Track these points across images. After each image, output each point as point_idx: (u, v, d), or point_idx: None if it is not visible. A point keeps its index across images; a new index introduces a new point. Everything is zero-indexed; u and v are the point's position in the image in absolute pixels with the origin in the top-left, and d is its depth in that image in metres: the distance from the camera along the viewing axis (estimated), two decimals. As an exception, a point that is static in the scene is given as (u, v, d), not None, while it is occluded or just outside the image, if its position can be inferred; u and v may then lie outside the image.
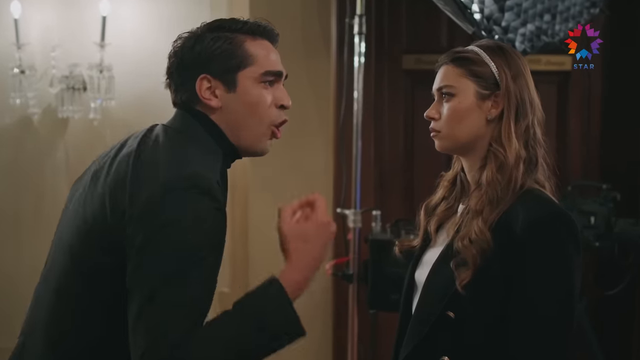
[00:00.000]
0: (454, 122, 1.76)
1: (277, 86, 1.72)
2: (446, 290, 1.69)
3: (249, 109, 1.67)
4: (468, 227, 1.69)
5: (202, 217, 1.53)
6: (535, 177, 1.74)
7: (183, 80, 1.69)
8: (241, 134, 1.68)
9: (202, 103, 1.67)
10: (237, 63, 1.66)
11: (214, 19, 1.74)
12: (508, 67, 1.75)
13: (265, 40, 1.72)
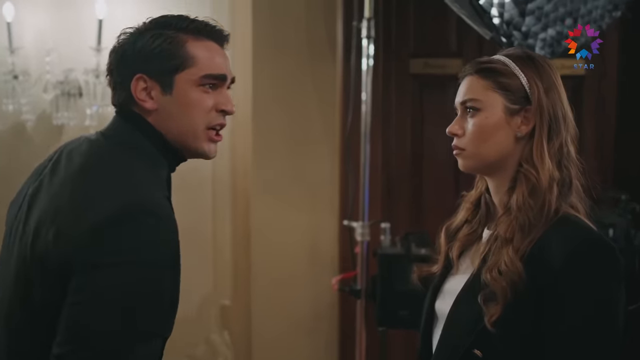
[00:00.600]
0: (479, 140, 1.61)
1: (220, 90, 1.64)
2: (473, 326, 1.54)
3: (184, 112, 1.60)
4: (497, 256, 1.54)
5: (159, 250, 1.48)
6: (570, 200, 1.59)
7: (122, 79, 1.62)
8: (178, 137, 1.61)
9: (137, 105, 1.61)
10: (176, 64, 1.59)
11: (167, 15, 1.68)
12: (540, 79, 1.61)
13: (211, 41, 1.65)
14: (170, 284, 1.52)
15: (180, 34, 1.61)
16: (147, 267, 1.46)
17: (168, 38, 1.60)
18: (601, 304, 1.50)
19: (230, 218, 4.17)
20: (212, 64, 1.62)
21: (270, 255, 4.11)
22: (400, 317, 3.17)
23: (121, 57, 1.62)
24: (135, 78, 1.58)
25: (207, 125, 1.62)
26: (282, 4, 4.03)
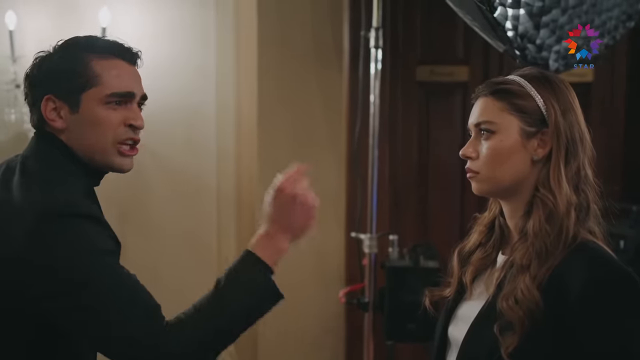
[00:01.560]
0: (494, 163, 1.56)
1: (128, 106, 1.69)
2: (489, 357, 1.50)
3: (92, 130, 1.66)
4: (513, 284, 1.49)
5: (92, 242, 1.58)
6: (588, 225, 1.54)
7: (34, 100, 1.68)
8: (89, 153, 1.68)
9: (49, 126, 1.67)
10: (82, 83, 1.65)
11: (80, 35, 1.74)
12: (557, 101, 1.56)
13: (117, 59, 1.69)
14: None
15: (85, 54, 1.66)
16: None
17: (74, 58, 1.65)
18: (622, 340, 1.45)
19: (235, 229, 4.17)
20: (117, 83, 1.66)
21: (277, 266, 4.06)
22: (409, 330, 3.15)
23: (32, 79, 1.68)
24: (45, 99, 1.64)
25: (116, 140, 1.67)
26: (287, 11, 4.03)
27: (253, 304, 1.72)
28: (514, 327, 1.46)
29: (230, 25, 4.07)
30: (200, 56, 4.06)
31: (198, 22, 4.04)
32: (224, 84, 4.10)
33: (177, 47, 4.03)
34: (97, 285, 1.55)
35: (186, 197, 4.13)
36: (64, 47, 1.69)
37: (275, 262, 1.79)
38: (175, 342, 1.60)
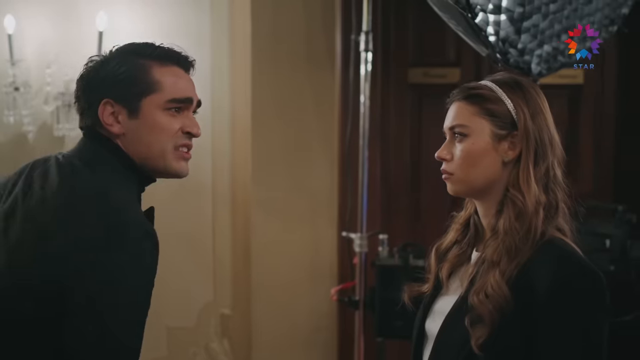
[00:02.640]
0: (467, 165, 1.63)
1: (185, 113, 1.71)
2: (461, 348, 1.56)
3: (152, 136, 1.66)
4: (484, 279, 1.56)
5: (147, 266, 1.56)
6: (556, 222, 1.61)
7: (89, 104, 1.67)
8: (147, 159, 1.68)
9: (105, 130, 1.67)
10: (142, 89, 1.65)
11: (133, 42, 1.74)
12: (526, 105, 1.62)
13: (176, 66, 1.72)
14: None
15: (145, 60, 1.67)
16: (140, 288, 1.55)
17: (134, 64, 1.66)
18: (587, 333, 1.52)
19: (230, 229, 4.21)
20: (177, 89, 1.68)
21: (270, 265, 4.16)
22: (398, 327, 3.19)
23: (88, 83, 1.67)
24: (103, 103, 1.64)
25: (174, 146, 1.68)
26: (281, 15, 4.07)
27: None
28: (484, 320, 1.53)
29: (225, 28, 4.11)
30: (195, 59, 4.10)
31: (193, 25, 4.07)
32: (218, 86, 4.12)
33: None
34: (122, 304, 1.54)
35: (182, 196, 4.13)
36: (123, 53, 1.69)
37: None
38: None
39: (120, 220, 1.53)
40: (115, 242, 1.51)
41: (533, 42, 2.59)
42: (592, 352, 1.52)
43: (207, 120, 4.09)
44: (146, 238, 1.55)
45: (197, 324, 4.21)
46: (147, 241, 1.55)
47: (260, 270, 4.16)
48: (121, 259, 1.51)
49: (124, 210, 1.56)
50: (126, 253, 1.52)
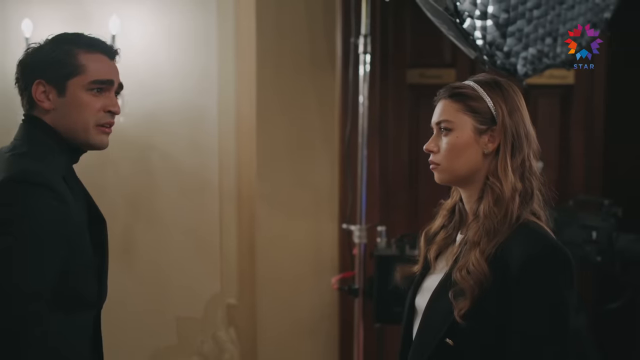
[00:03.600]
0: (452, 156, 1.82)
1: (107, 94, 1.93)
2: (445, 319, 1.75)
3: (76, 112, 1.89)
4: (466, 257, 1.75)
5: (38, 208, 1.75)
6: (531, 207, 1.79)
7: (25, 85, 1.92)
8: (71, 133, 1.91)
9: (37, 107, 1.90)
10: (69, 71, 1.88)
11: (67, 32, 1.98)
12: (504, 103, 1.80)
13: (100, 53, 1.93)
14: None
15: (74, 47, 1.90)
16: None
17: (64, 50, 1.90)
18: (554, 306, 1.70)
19: (236, 223, 4.30)
20: (99, 72, 1.91)
21: (274, 257, 4.24)
22: (395, 313, 3.23)
23: (24, 66, 1.92)
24: (36, 83, 1.88)
25: (96, 123, 1.91)
26: (284, 19, 4.16)
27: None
28: (466, 293, 1.71)
29: (231, 32, 4.19)
30: (203, 62, 4.19)
31: (201, 30, 4.17)
32: (225, 88, 4.21)
33: (181, 54, 4.16)
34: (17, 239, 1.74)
35: (190, 193, 4.26)
36: (54, 40, 1.93)
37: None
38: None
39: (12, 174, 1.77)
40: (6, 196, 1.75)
41: (518, 45, 2.74)
42: (557, 322, 1.69)
43: (214, 121, 4.23)
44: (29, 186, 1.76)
45: (204, 314, 4.31)
46: (29, 188, 1.76)
47: (265, 262, 4.24)
48: (12, 210, 1.74)
49: (21, 168, 1.79)
50: (17, 204, 1.74)
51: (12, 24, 4.04)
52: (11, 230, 1.73)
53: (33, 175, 1.78)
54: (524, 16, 2.68)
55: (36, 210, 1.75)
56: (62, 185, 1.84)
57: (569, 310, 1.71)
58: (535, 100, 4.25)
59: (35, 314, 1.73)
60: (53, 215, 1.77)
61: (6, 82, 3.97)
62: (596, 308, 3.95)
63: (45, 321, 1.75)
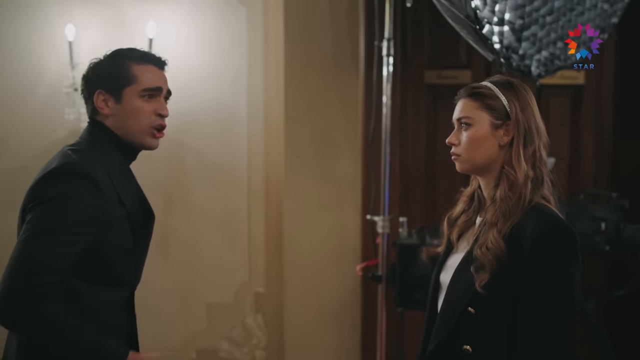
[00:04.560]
0: (471, 148, 2.05)
1: (157, 99, 2.19)
2: (468, 290, 1.98)
3: (131, 117, 2.15)
4: (485, 236, 1.98)
5: (74, 195, 1.99)
6: (542, 192, 2.02)
7: (89, 94, 2.17)
8: (128, 135, 2.16)
9: (99, 113, 2.16)
10: (124, 82, 2.14)
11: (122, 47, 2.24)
12: (517, 100, 2.04)
13: (150, 65, 2.19)
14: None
15: (127, 60, 2.16)
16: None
17: (119, 64, 2.15)
18: (561, 275, 1.93)
19: (264, 215, 4.47)
20: (149, 80, 2.16)
21: (300, 247, 4.40)
22: (416, 299, 3.47)
23: (87, 79, 2.18)
24: (97, 92, 2.14)
25: (149, 125, 2.16)
26: (311, 23, 4.31)
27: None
28: (486, 267, 1.95)
29: (260, 37, 4.36)
30: (234, 66, 4.36)
31: (233, 35, 4.33)
32: (254, 90, 4.38)
33: (213, 58, 4.33)
34: (44, 220, 1.97)
35: (221, 188, 4.43)
36: (111, 55, 2.19)
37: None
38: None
39: (63, 165, 2.01)
40: (52, 180, 2.00)
41: (532, 49, 2.93)
42: (565, 293, 1.93)
43: (244, 121, 4.41)
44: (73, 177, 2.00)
45: (234, 301, 4.49)
46: (72, 178, 2.00)
47: (291, 252, 4.39)
48: (53, 189, 1.99)
49: (73, 161, 2.03)
50: (58, 187, 1.99)
51: (55, 28, 4.26)
52: (48, 204, 1.97)
53: (77, 167, 2.02)
54: (538, 22, 2.88)
55: (72, 194, 1.99)
56: (105, 179, 2.07)
57: (574, 281, 1.94)
58: (548, 99, 4.38)
59: (54, 281, 1.96)
60: (87, 201, 2.00)
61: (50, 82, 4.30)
62: (606, 294, 4.11)
63: (70, 289, 2.00)
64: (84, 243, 2.01)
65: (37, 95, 4.36)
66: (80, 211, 1.99)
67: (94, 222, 2.02)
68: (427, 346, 2.11)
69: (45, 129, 4.34)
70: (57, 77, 4.26)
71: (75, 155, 2.06)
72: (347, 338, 4.47)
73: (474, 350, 1.98)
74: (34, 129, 4.36)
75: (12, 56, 4.36)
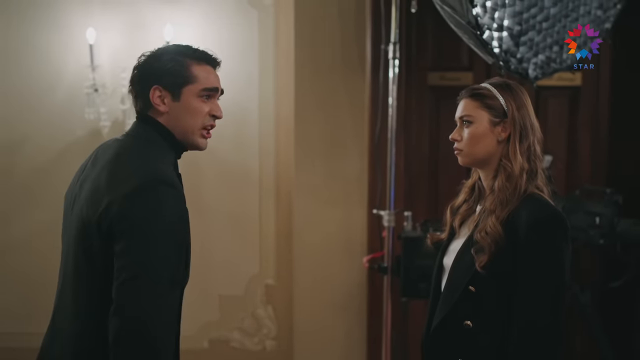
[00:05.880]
0: (472, 143, 2.24)
1: (212, 100, 2.16)
2: (468, 271, 2.18)
3: (188, 116, 2.10)
4: (484, 222, 2.18)
5: (170, 204, 1.96)
6: (536, 183, 2.22)
7: (142, 89, 2.11)
8: (182, 134, 2.11)
9: (153, 109, 2.10)
10: (184, 80, 2.09)
11: (178, 44, 2.19)
12: (513, 100, 2.23)
13: (208, 65, 2.15)
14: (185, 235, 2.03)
15: (187, 59, 2.11)
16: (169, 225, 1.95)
17: (178, 61, 2.09)
18: (553, 257, 2.12)
19: (274, 210, 4.57)
20: (208, 81, 2.12)
21: (309, 241, 4.51)
22: (420, 289, 3.58)
23: (142, 72, 2.11)
24: (153, 88, 2.08)
25: (202, 125, 2.13)
26: (320, 28, 4.42)
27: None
28: (485, 250, 2.14)
29: (271, 41, 4.48)
30: (246, 68, 4.47)
31: (246, 39, 4.45)
32: (265, 91, 4.49)
33: (227, 61, 4.12)
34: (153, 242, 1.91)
35: (234, 185, 4.55)
36: (169, 52, 2.12)
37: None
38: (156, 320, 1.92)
39: (151, 174, 1.97)
40: (147, 187, 1.95)
41: (529, 53, 3.08)
42: (556, 269, 2.12)
43: (255, 121, 4.52)
44: (165, 184, 1.96)
45: (245, 292, 4.61)
46: (165, 186, 1.96)
47: (301, 246, 4.49)
48: (150, 200, 1.94)
49: (155, 168, 2.00)
50: (146, 198, 1.94)
51: (75, 30, 4.41)
52: (152, 226, 1.92)
53: (165, 176, 1.98)
54: (535, 28, 3.03)
55: (171, 208, 1.96)
56: (178, 182, 2.05)
57: (565, 262, 2.13)
58: (546, 101, 4.50)
59: (166, 293, 1.95)
60: (181, 210, 1.99)
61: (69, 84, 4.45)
62: (601, 287, 4.25)
63: (170, 297, 1.98)
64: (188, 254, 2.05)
65: (56, 97, 4.50)
66: (179, 224, 1.99)
67: (188, 231, 2.05)
68: (432, 323, 2.30)
69: (63, 130, 4.46)
70: (76, 80, 4.41)
71: (151, 160, 2.03)
72: (354, 328, 4.56)
73: (474, 325, 2.18)
74: (53, 131, 4.49)
75: (33, 58, 4.50)
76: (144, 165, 2.01)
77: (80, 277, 2.06)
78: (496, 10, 2.95)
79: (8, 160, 4.59)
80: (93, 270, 2.01)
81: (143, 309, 1.91)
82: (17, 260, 4.57)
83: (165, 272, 1.94)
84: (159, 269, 1.93)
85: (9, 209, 4.61)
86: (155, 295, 1.92)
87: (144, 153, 2.06)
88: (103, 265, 1.98)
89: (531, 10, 3.02)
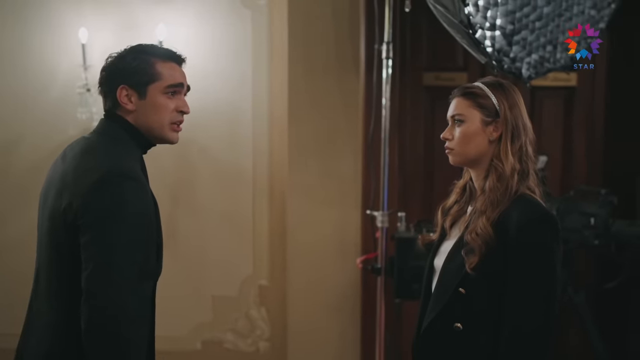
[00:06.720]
0: (463, 142, 2.23)
1: (178, 96, 2.21)
2: (459, 272, 2.16)
3: (155, 112, 2.16)
4: (475, 223, 2.16)
5: (133, 197, 2.02)
6: (528, 184, 2.20)
7: (110, 89, 2.17)
8: (150, 130, 2.17)
9: (121, 108, 2.16)
10: (148, 78, 2.15)
11: (142, 43, 2.24)
12: (506, 100, 2.22)
13: (173, 62, 2.21)
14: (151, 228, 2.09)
15: (151, 57, 2.17)
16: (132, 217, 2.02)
17: (143, 60, 2.16)
18: (544, 257, 2.11)
19: (268, 210, 4.57)
20: (173, 77, 2.18)
21: (303, 241, 4.51)
22: (414, 289, 3.56)
23: (109, 73, 2.18)
24: (120, 88, 2.14)
25: (170, 121, 2.18)
26: (313, 27, 4.41)
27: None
28: (475, 251, 2.13)
29: (265, 40, 4.46)
30: (239, 67, 4.46)
31: (239, 38, 4.43)
32: (259, 91, 4.48)
33: (220, 60, 4.43)
34: (115, 230, 1.99)
35: (226, 184, 4.54)
36: (134, 51, 2.18)
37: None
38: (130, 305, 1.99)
39: (113, 167, 2.04)
40: (110, 180, 2.02)
41: (523, 52, 3.07)
42: (547, 270, 2.10)
43: (249, 120, 4.50)
44: (127, 177, 2.03)
45: (238, 293, 4.60)
46: (128, 179, 2.03)
47: (294, 246, 4.49)
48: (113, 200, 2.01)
49: (118, 161, 2.07)
50: (109, 191, 2.01)
51: (68, 30, 4.40)
52: (115, 218, 1.99)
53: (128, 170, 2.05)
54: (528, 27, 3.02)
55: (133, 201, 2.02)
56: (142, 176, 2.12)
57: (556, 262, 2.11)
58: (541, 101, 4.49)
59: (134, 284, 2.02)
60: (144, 203, 2.05)
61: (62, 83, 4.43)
62: (596, 288, 4.25)
63: (139, 289, 2.05)
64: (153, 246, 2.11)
65: (50, 97, 4.50)
66: (142, 215, 2.04)
67: (152, 223, 2.10)
68: (423, 323, 2.28)
69: (56, 129, 4.45)
70: (69, 79, 4.40)
71: (116, 154, 2.10)
72: (348, 329, 4.56)
73: (464, 328, 2.16)
74: (46, 130, 4.48)
75: (27, 58, 4.50)
76: (108, 160, 2.08)
77: (53, 269, 2.13)
78: (488, 9, 2.94)
79: (3, 160, 4.59)
80: (63, 262, 2.09)
81: (111, 299, 1.98)
82: (12, 259, 4.56)
83: (129, 262, 2.01)
84: (124, 259, 2.00)
85: (4, 208, 4.61)
86: (121, 286, 1.99)
87: (109, 149, 2.13)
88: (72, 257, 2.05)
89: (524, 10, 3.01)
